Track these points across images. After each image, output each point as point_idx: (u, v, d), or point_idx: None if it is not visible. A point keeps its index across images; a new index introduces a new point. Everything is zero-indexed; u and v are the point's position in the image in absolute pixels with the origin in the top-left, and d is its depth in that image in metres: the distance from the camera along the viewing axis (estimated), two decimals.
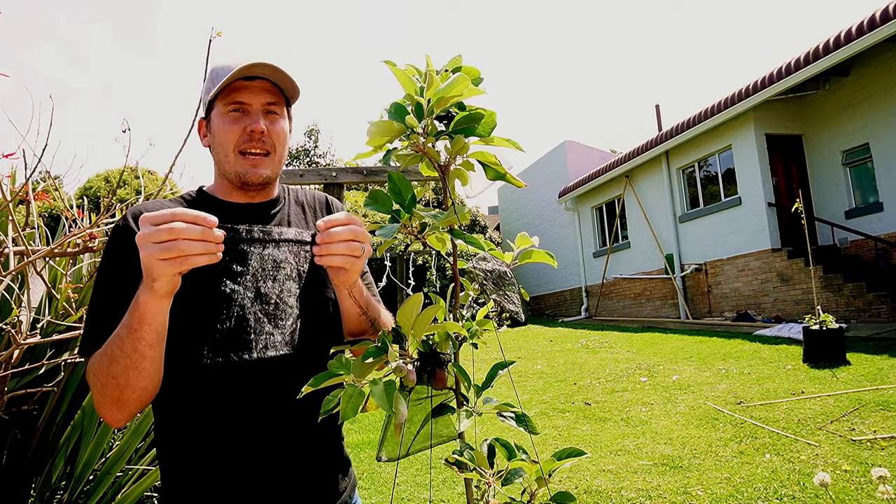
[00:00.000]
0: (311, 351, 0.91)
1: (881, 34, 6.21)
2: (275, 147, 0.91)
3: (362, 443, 4.22)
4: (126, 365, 0.73)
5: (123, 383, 0.74)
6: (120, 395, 0.75)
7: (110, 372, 0.74)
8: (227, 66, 0.89)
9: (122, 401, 0.75)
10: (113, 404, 0.76)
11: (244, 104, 0.89)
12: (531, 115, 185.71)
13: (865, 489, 2.55)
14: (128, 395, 0.75)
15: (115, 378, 0.74)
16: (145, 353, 0.73)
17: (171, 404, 0.85)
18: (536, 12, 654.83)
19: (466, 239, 0.74)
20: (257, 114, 0.89)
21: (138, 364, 0.73)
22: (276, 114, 0.92)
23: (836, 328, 5.02)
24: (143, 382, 0.75)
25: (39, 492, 1.61)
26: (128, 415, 0.78)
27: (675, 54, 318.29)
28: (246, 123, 0.89)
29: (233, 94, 0.89)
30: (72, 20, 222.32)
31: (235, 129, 0.89)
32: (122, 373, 0.73)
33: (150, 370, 0.75)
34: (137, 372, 0.73)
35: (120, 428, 2.05)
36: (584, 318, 13.20)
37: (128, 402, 0.76)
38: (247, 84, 0.89)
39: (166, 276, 0.67)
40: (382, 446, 0.84)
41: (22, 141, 1.52)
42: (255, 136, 0.88)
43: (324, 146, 20.93)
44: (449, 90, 0.69)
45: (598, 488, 2.98)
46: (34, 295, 1.62)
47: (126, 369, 0.73)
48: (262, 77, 0.90)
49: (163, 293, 0.69)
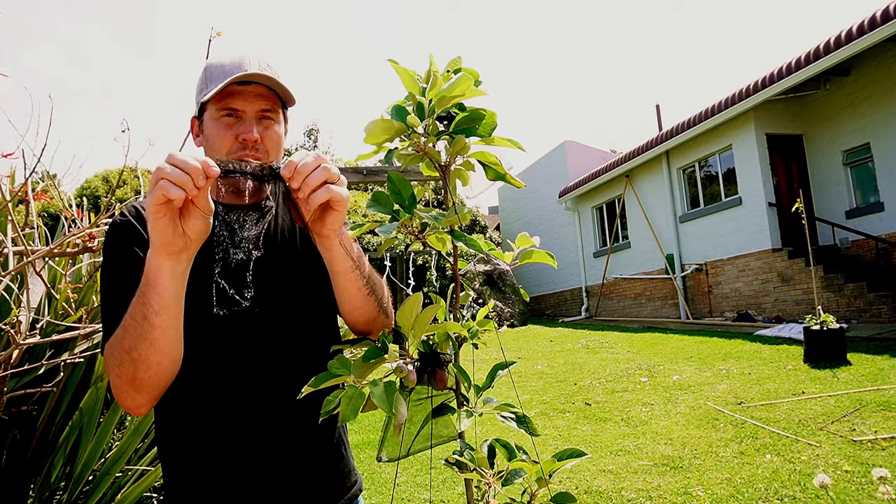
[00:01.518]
0: (311, 342, 0.91)
1: (881, 34, 6.21)
2: (268, 153, 0.89)
3: (362, 443, 4.22)
4: (137, 335, 0.71)
5: (136, 357, 0.72)
6: (135, 373, 0.72)
7: (123, 345, 0.72)
8: (221, 64, 0.87)
9: (137, 380, 0.73)
10: (129, 385, 0.74)
11: (238, 110, 0.87)
12: (531, 115, 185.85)
13: (866, 489, 2.55)
14: (142, 373, 0.73)
15: (129, 352, 0.72)
16: (154, 321, 0.70)
17: (170, 402, 0.85)
18: (536, 12, 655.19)
19: (466, 240, 0.74)
20: (251, 121, 0.87)
21: (148, 334, 0.71)
22: (270, 119, 0.90)
23: (837, 328, 5.02)
24: (156, 357, 0.72)
25: (39, 492, 1.61)
26: (146, 398, 0.76)
27: (675, 54, 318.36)
28: (239, 131, 0.86)
29: (226, 98, 0.86)
30: (71, 19, 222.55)
31: (228, 136, 0.86)
32: (134, 345, 0.71)
33: (162, 343, 0.72)
34: (148, 343, 0.71)
35: (119, 428, 2.05)
36: (584, 318, 13.20)
37: (143, 381, 0.73)
38: (241, 89, 0.86)
39: (155, 224, 0.64)
40: (382, 446, 0.84)
41: (21, 141, 1.52)
42: (248, 145, 0.86)
43: (324, 146, 20.95)
44: (451, 90, 0.69)
45: (598, 488, 2.97)
46: (33, 295, 1.62)
47: (137, 340, 0.71)
48: (256, 82, 0.87)
49: (157, 244, 0.67)
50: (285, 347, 0.89)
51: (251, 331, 0.87)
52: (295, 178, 0.68)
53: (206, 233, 0.70)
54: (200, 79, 0.90)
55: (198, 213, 0.66)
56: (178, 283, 0.71)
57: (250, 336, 0.87)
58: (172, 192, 0.61)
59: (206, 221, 0.68)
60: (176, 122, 71.38)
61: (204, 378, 0.84)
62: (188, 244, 0.69)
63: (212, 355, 0.84)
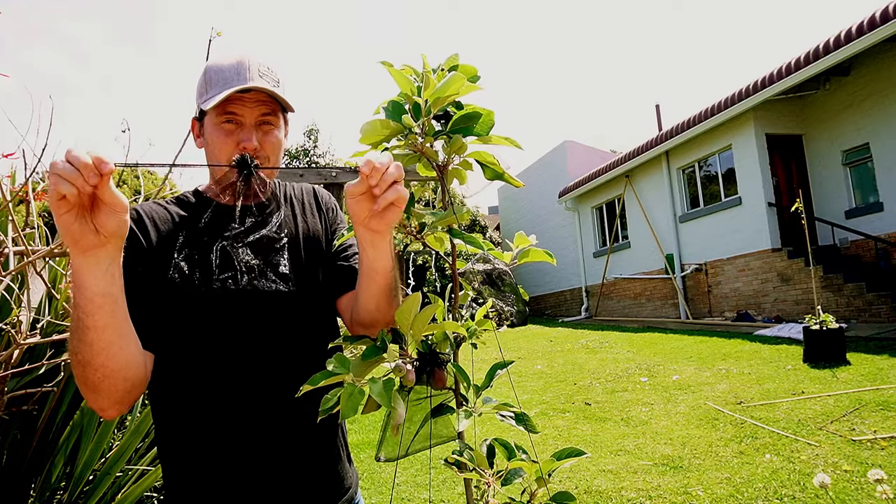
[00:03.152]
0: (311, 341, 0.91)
1: (881, 34, 6.21)
2: (269, 158, 0.90)
3: (362, 443, 4.22)
4: (77, 338, 0.71)
5: (81, 360, 0.72)
6: (84, 375, 0.73)
7: (70, 348, 0.73)
8: (221, 69, 0.87)
9: (89, 382, 0.73)
10: (85, 387, 0.74)
11: (237, 116, 0.88)
12: (531, 115, 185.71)
13: (865, 489, 2.55)
14: (91, 375, 0.72)
15: (75, 354, 0.72)
16: (87, 322, 0.70)
17: (170, 400, 0.85)
18: (536, 12, 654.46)
19: (465, 238, 0.74)
20: (250, 129, 0.88)
21: (84, 336, 0.70)
22: (270, 124, 0.91)
23: (837, 328, 5.02)
24: (99, 359, 0.72)
25: (39, 492, 1.61)
26: (108, 402, 0.75)
27: (675, 54, 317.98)
28: (239, 138, 0.87)
29: (226, 104, 0.87)
30: (72, 17, 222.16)
31: (229, 143, 0.87)
32: (77, 348, 0.72)
33: (101, 345, 0.71)
34: (87, 345, 0.71)
35: (119, 427, 2.05)
36: (584, 318, 13.20)
37: (95, 384, 0.73)
38: (240, 96, 0.87)
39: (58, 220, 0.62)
40: (382, 446, 0.84)
41: (22, 141, 1.53)
42: (248, 153, 0.86)
43: (323, 146, 20.95)
44: (445, 89, 0.69)
45: (598, 488, 2.97)
46: (34, 295, 1.62)
47: (78, 343, 0.71)
48: (257, 89, 0.88)
49: (68, 242, 0.65)
50: (285, 346, 0.89)
51: (251, 330, 0.87)
52: (373, 175, 0.68)
53: (122, 229, 0.66)
54: (201, 82, 0.91)
55: (106, 209, 0.63)
56: (105, 281, 0.68)
57: (250, 335, 0.87)
58: (63, 188, 0.59)
59: (118, 218, 0.65)
60: (176, 123, 71.32)
61: (204, 377, 0.84)
62: (103, 241, 0.65)
63: (211, 355, 0.85)
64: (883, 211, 7.45)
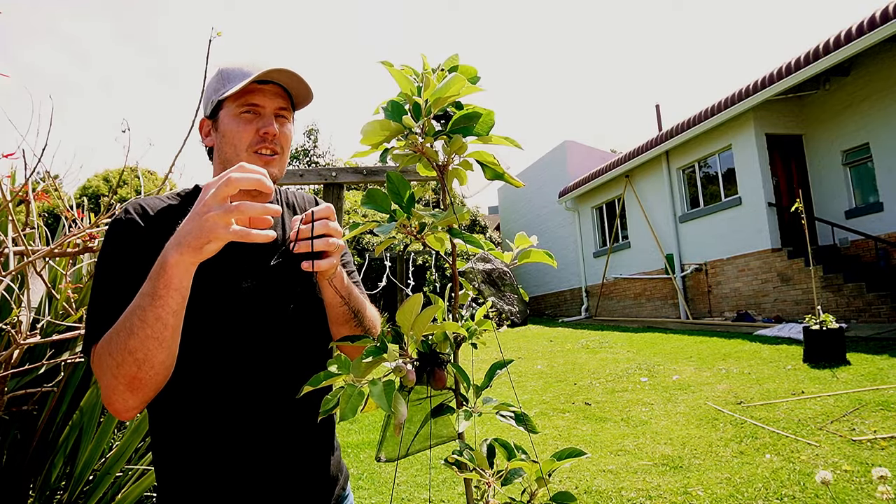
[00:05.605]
0: (307, 345, 0.92)
1: (881, 34, 6.22)
2: (283, 149, 0.95)
3: (362, 443, 4.22)
4: (146, 335, 0.71)
5: (142, 358, 0.72)
6: (137, 373, 0.72)
7: (128, 347, 0.71)
8: (238, 68, 0.91)
9: (138, 380, 0.73)
10: (127, 387, 0.73)
11: (258, 106, 0.92)
12: (531, 115, 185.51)
13: (865, 489, 2.55)
14: (145, 373, 0.73)
15: (133, 353, 0.71)
16: (168, 321, 0.71)
17: (168, 401, 0.85)
18: (536, 12, 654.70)
19: (465, 238, 0.74)
20: (270, 116, 0.93)
21: (160, 334, 0.71)
22: (285, 118, 0.96)
23: (837, 328, 5.02)
24: (162, 356, 0.73)
25: (39, 491, 1.61)
26: (141, 400, 0.76)
27: (675, 54, 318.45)
28: (259, 125, 0.92)
29: (246, 95, 0.91)
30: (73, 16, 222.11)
31: (249, 130, 0.92)
32: (142, 345, 0.71)
33: (170, 342, 0.73)
34: (158, 343, 0.72)
35: (119, 427, 2.05)
36: (584, 318, 13.20)
37: (144, 381, 0.73)
38: (260, 87, 0.92)
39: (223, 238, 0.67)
40: (382, 446, 0.84)
41: (22, 141, 1.53)
42: (268, 138, 0.92)
43: (323, 146, 20.99)
44: (445, 90, 0.69)
45: (598, 488, 2.98)
46: (34, 295, 1.62)
47: (146, 340, 0.71)
48: (274, 82, 0.93)
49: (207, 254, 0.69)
50: (285, 346, 0.90)
51: (251, 329, 0.87)
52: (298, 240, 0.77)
53: None
54: (215, 80, 0.94)
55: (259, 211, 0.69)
56: (191, 279, 0.73)
57: (250, 334, 0.87)
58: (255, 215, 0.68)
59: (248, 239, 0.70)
60: (176, 123, 71.36)
61: (203, 377, 0.85)
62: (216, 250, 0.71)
63: (210, 354, 0.85)
64: (883, 211, 7.45)
